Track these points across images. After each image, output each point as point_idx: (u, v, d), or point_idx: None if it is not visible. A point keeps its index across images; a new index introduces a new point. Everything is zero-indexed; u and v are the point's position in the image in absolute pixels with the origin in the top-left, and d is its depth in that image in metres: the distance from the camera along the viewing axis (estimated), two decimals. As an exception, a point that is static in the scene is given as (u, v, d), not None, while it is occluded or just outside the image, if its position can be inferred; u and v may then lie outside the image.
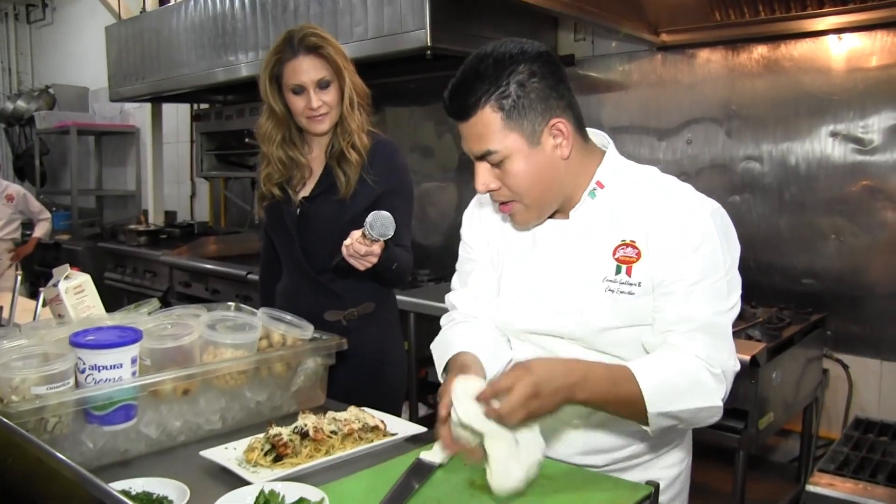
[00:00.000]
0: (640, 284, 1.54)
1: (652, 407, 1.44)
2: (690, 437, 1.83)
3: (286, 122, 2.40)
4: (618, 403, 1.46)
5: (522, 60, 1.49)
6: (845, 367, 3.29)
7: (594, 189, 1.60)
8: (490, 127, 1.49)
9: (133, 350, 1.68)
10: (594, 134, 1.67)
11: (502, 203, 1.61)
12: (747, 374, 2.64)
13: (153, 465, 1.64)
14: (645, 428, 1.49)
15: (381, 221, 1.97)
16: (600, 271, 1.57)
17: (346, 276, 2.37)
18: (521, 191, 1.55)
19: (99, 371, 1.62)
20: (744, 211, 3.56)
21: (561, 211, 1.64)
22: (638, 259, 1.54)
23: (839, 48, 3.26)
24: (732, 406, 2.68)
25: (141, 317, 1.94)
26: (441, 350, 1.75)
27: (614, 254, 1.56)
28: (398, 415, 2.29)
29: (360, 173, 2.35)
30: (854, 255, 3.28)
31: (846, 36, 3.24)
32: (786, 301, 3.35)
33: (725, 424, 2.71)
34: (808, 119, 3.36)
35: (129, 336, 1.68)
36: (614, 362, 1.53)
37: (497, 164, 1.53)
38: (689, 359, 1.48)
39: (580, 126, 1.59)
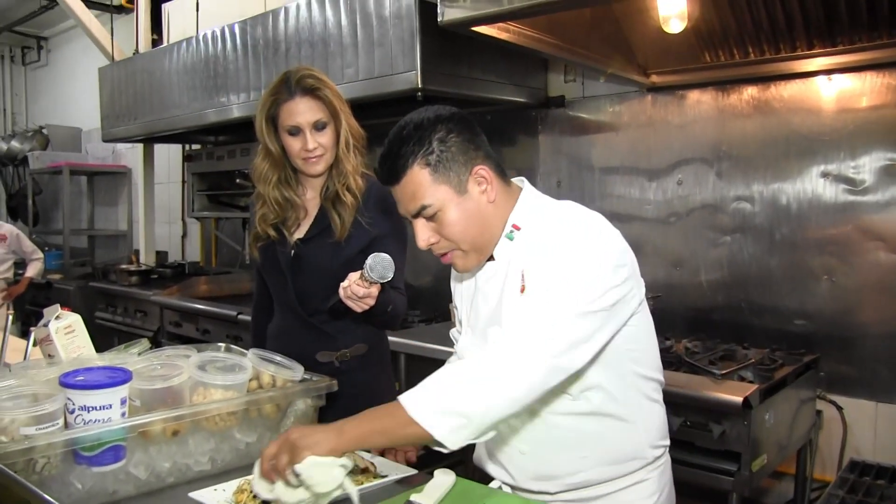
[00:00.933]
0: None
1: (412, 409, 1.49)
2: (665, 475, 1.83)
3: (282, 163, 2.40)
4: (393, 429, 1.53)
5: (438, 122, 1.66)
6: (839, 408, 3.27)
7: (511, 231, 1.72)
8: (421, 183, 1.64)
9: (122, 391, 1.67)
10: (515, 180, 1.81)
11: (443, 255, 1.74)
12: (740, 416, 2.62)
13: (142, 508, 1.62)
14: (441, 443, 1.51)
15: (382, 264, 1.97)
16: (514, 300, 1.67)
17: (340, 318, 2.36)
18: (456, 238, 1.68)
19: (88, 412, 1.61)
20: (735, 251, 3.57)
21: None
22: (523, 290, 1.65)
23: (829, 89, 3.29)
24: (725, 448, 2.67)
25: (131, 357, 1.94)
26: None
27: (521, 288, 1.66)
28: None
29: (354, 216, 2.35)
30: (846, 295, 3.28)
31: (836, 77, 3.26)
32: (778, 342, 3.34)
33: (718, 466, 2.69)
34: (799, 160, 3.37)
35: (119, 377, 1.68)
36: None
37: (432, 218, 1.67)
38: (473, 356, 1.58)
39: (501, 172, 1.73)
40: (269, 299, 2.58)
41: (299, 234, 2.43)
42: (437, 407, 1.49)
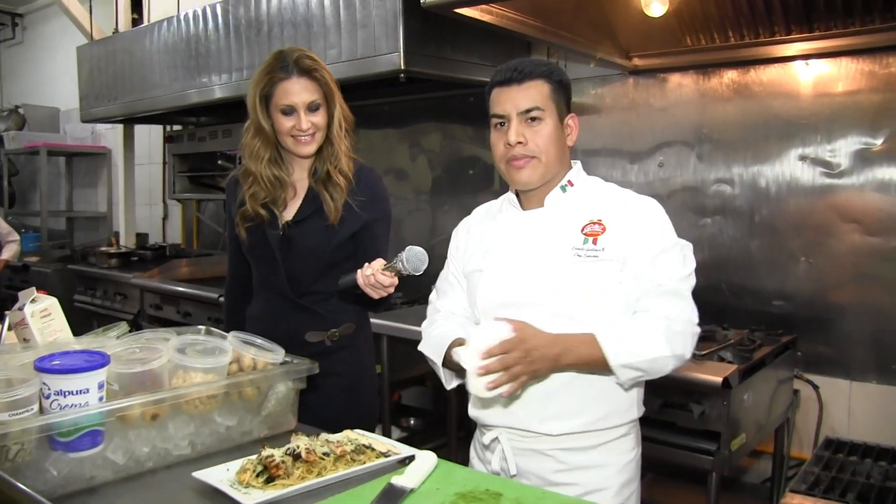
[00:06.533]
0: (603, 249, 1.87)
1: (613, 360, 1.77)
2: (639, 433, 2.04)
3: (273, 141, 2.39)
4: (593, 364, 1.80)
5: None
6: (815, 387, 3.31)
7: (566, 185, 2.00)
8: (542, 91, 1.91)
9: (100, 375, 1.65)
10: None
11: (518, 160, 1.92)
12: (719, 396, 2.65)
13: (120, 493, 1.62)
14: (617, 382, 1.84)
15: (418, 257, 2.01)
16: (570, 243, 1.91)
17: (345, 299, 2.41)
18: (542, 147, 1.91)
19: (64, 396, 1.59)
20: (715, 233, 3.59)
21: (538, 203, 2.00)
22: (603, 232, 1.89)
23: (807, 74, 3.31)
24: (705, 428, 2.70)
25: (109, 340, 1.93)
26: (437, 341, 2.00)
27: (583, 230, 1.91)
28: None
29: (345, 198, 2.36)
30: (823, 276, 3.31)
31: (813, 62, 3.29)
32: (757, 323, 3.38)
33: (698, 446, 2.72)
34: (778, 143, 3.40)
35: (97, 360, 1.66)
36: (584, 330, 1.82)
37: (532, 121, 1.90)
38: (651, 317, 1.82)
39: None
40: (247, 280, 2.57)
41: (288, 214, 2.42)
42: (628, 361, 1.78)
